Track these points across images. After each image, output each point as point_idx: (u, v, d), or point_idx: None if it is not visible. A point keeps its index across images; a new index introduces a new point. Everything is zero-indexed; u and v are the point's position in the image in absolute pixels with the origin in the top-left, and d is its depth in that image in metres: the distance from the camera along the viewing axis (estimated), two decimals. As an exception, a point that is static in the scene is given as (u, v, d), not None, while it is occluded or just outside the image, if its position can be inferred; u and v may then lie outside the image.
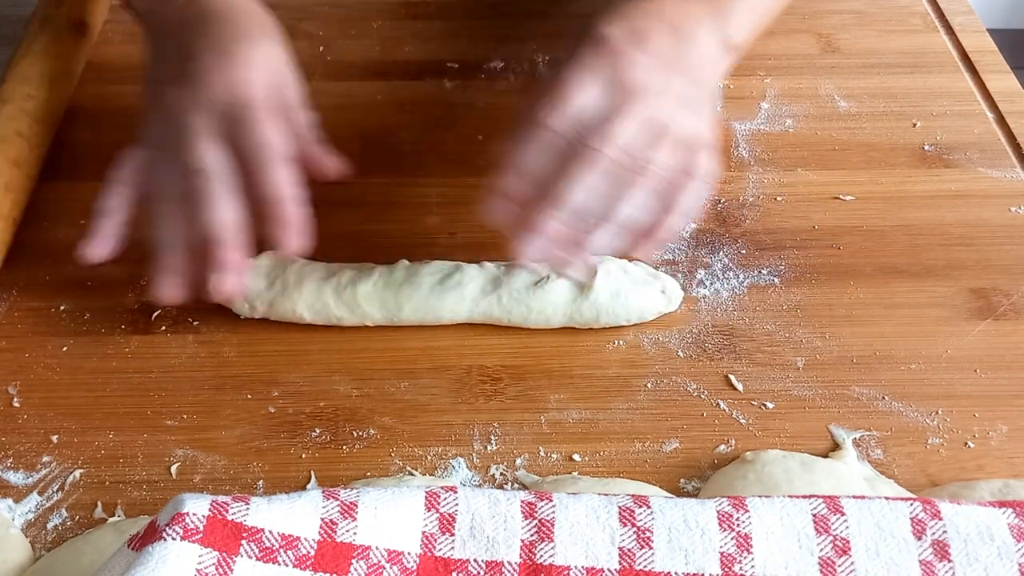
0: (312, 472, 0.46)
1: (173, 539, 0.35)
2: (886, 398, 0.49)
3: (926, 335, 0.52)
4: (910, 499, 0.39)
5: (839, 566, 0.37)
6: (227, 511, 0.36)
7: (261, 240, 0.48)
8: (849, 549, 0.38)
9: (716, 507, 0.39)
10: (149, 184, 0.49)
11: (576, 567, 0.37)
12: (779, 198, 0.59)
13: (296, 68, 0.66)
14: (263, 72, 0.49)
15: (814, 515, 0.39)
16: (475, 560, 0.38)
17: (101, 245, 0.49)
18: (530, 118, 0.46)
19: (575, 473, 0.46)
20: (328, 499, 0.38)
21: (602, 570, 0.37)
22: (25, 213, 0.57)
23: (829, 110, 0.65)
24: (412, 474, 0.46)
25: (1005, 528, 0.38)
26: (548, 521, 0.38)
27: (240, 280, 0.47)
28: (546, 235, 0.46)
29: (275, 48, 0.51)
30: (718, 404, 0.49)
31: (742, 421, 0.48)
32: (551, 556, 0.38)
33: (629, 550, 0.38)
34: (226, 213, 0.46)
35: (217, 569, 0.35)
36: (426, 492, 0.39)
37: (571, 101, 0.45)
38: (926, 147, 0.62)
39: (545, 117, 0.45)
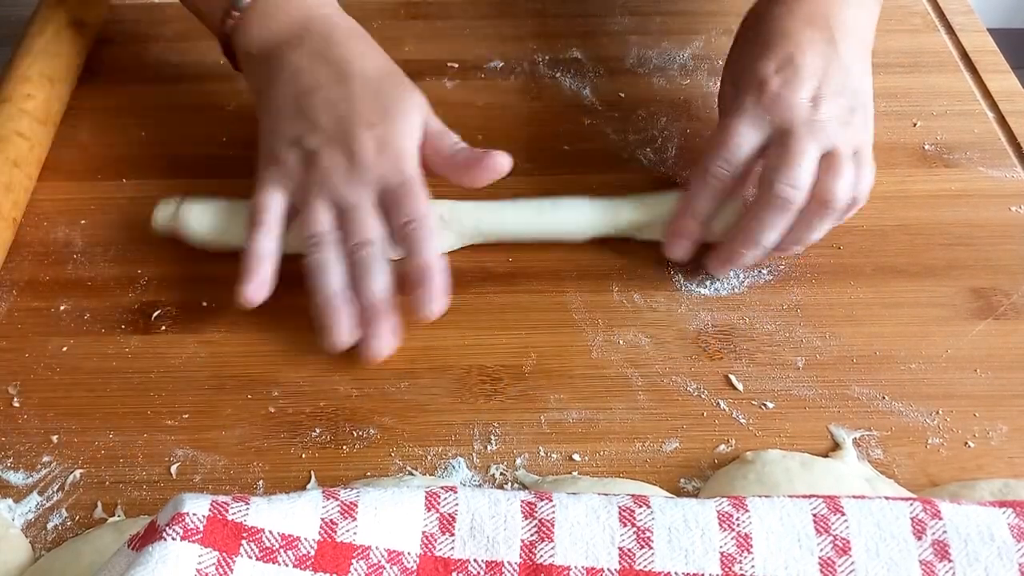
0: (312, 472, 0.46)
1: (173, 539, 0.35)
2: (886, 398, 0.49)
3: (926, 335, 0.52)
4: (910, 499, 0.39)
5: (839, 566, 0.37)
6: (227, 511, 0.36)
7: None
8: (849, 549, 0.38)
9: (716, 507, 0.39)
10: (308, 233, 0.50)
11: (576, 567, 0.37)
12: (779, 198, 0.59)
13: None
14: (415, 139, 0.52)
15: (814, 515, 0.39)
16: (475, 560, 0.38)
17: (262, 288, 0.49)
18: (699, 166, 0.52)
19: (575, 473, 0.46)
20: (328, 499, 0.38)
21: (602, 570, 0.37)
22: (25, 213, 0.58)
23: (829, 110, 0.65)
24: (412, 474, 0.46)
25: (1005, 528, 0.38)
26: (548, 521, 0.38)
27: (390, 344, 0.49)
28: (739, 265, 0.53)
29: (420, 106, 0.53)
30: (718, 404, 0.49)
31: (742, 421, 0.48)
32: (551, 556, 0.38)
33: (629, 550, 0.38)
34: (384, 282, 0.49)
35: (217, 569, 0.35)
36: (426, 492, 0.39)
37: (733, 148, 0.51)
38: (926, 147, 0.62)
39: (711, 165, 0.51)
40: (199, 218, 0.54)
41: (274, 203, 0.51)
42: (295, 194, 0.51)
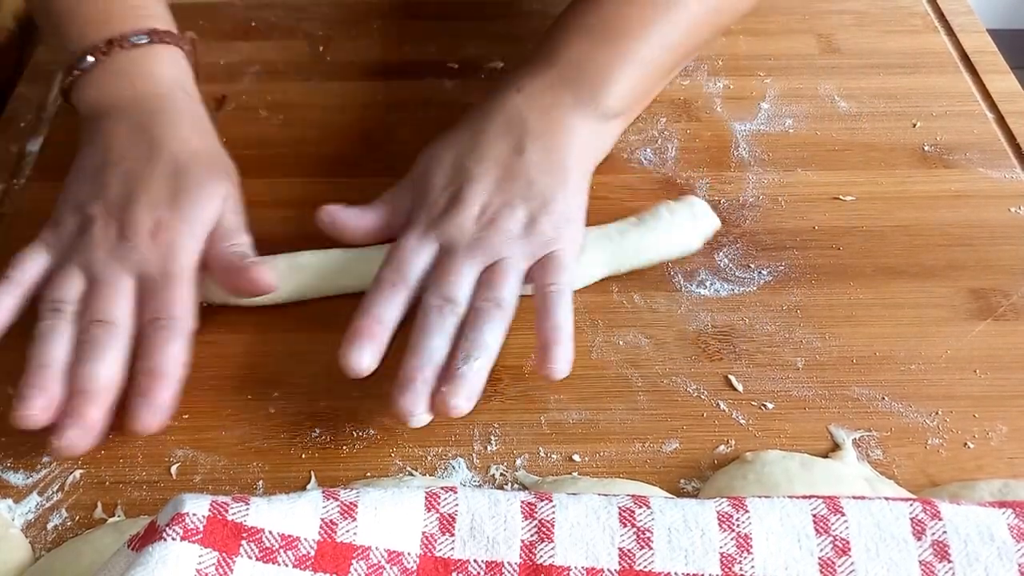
0: (312, 472, 0.46)
1: (173, 539, 0.35)
2: (886, 398, 0.49)
3: (926, 335, 0.52)
4: (910, 499, 0.39)
5: (839, 566, 0.37)
6: (227, 511, 0.36)
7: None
8: (849, 549, 0.38)
9: (716, 507, 0.39)
10: (48, 299, 0.47)
11: (576, 567, 0.37)
12: (779, 198, 0.59)
13: (295, 69, 0.67)
14: (199, 233, 0.50)
15: (814, 515, 0.39)
16: (475, 560, 0.38)
17: None
18: (374, 282, 0.49)
19: (575, 473, 0.46)
20: (328, 499, 0.38)
21: (602, 570, 0.37)
22: (25, 213, 0.58)
23: (829, 110, 0.65)
24: (412, 474, 0.46)
25: (1005, 528, 0.38)
26: (548, 521, 0.38)
27: (85, 440, 0.44)
28: (416, 386, 0.45)
29: (220, 197, 0.51)
30: (718, 404, 0.49)
31: (742, 421, 0.48)
32: (551, 556, 0.38)
33: (629, 550, 0.38)
34: (109, 370, 0.45)
35: (217, 569, 0.35)
36: (426, 492, 0.39)
37: (406, 264, 0.49)
38: (926, 147, 0.62)
39: (384, 275, 0.49)
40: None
41: (31, 263, 0.48)
42: (58, 257, 0.49)
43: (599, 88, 0.54)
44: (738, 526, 0.38)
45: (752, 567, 0.37)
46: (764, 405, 0.49)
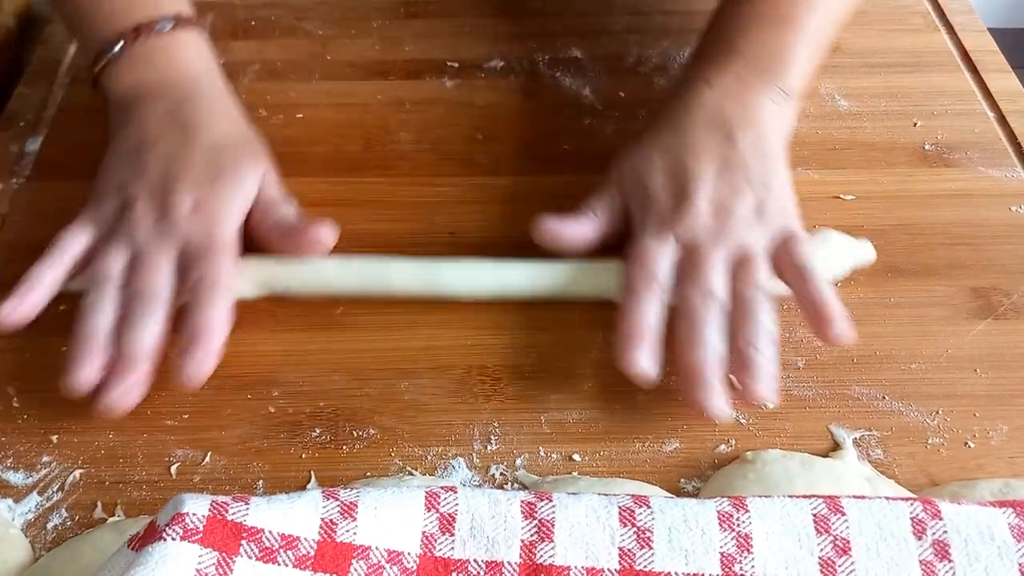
0: (312, 472, 0.46)
1: (173, 539, 0.35)
2: (886, 398, 0.49)
3: (926, 335, 0.51)
4: (910, 499, 0.39)
5: (839, 566, 0.37)
6: (227, 511, 0.36)
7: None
8: (849, 549, 0.38)
9: (716, 507, 0.39)
10: (93, 273, 0.49)
11: (576, 567, 0.37)
12: (779, 198, 0.59)
13: (295, 69, 0.67)
14: (240, 205, 0.52)
15: (814, 515, 0.39)
16: (475, 560, 0.38)
17: (23, 312, 0.48)
18: (627, 291, 0.49)
19: (575, 473, 0.46)
20: (328, 499, 0.38)
21: (602, 570, 0.37)
22: (25, 213, 0.58)
23: (829, 110, 0.65)
24: (412, 474, 0.46)
25: (1005, 528, 0.38)
26: (548, 521, 0.38)
27: (125, 400, 0.46)
28: (710, 381, 0.46)
29: (257, 174, 0.53)
30: (718, 404, 0.49)
31: (742, 421, 0.48)
32: (551, 556, 0.38)
33: (629, 550, 0.38)
34: (151, 335, 0.47)
35: (217, 569, 0.35)
36: (426, 492, 0.39)
37: (653, 266, 0.49)
38: (927, 146, 0.62)
39: (640, 284, 0.49)
40: None
41: (74, 241, 0.50)
42: (99, 235, 0.51)
43: (783, 72, 0.55)
44: (738, 526, 0.38)
45: (752, 567, 0.37)
46: (764, 404, 0.48)
